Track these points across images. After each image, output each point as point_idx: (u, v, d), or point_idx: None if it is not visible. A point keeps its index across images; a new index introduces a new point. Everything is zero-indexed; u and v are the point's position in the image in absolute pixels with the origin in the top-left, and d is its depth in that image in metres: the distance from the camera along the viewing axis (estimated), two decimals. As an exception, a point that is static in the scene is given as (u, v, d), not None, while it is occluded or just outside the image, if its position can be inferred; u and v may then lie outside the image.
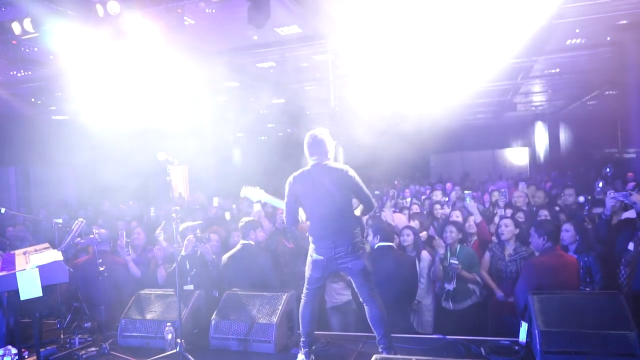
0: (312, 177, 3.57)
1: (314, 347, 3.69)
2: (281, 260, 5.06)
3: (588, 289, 4.14)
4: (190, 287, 4.46)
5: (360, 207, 3.70)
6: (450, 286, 4.67)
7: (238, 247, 4.66)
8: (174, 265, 4.12)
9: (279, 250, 5.15)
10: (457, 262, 4.56)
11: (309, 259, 3.63)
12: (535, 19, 6.79)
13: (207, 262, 4.71)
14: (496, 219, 5.86)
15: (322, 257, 3.53)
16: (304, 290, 3.67)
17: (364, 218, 4.01)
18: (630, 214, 5.19)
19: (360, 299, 3.59)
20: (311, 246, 3.63)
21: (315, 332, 3.95)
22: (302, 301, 3.67)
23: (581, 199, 5.34)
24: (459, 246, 4.79)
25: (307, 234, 3.70)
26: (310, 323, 3.63)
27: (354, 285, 3.62)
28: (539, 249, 4.10)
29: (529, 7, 6.44)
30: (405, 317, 4.38)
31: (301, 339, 3.63)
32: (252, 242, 4.64)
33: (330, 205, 3.50)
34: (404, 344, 3.67)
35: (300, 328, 3.65)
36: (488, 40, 7.15)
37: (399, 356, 3.37)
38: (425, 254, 5.02)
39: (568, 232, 4.40)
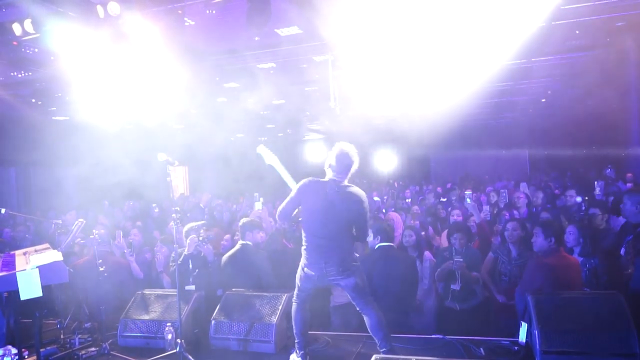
0: (327, 191, 3.48)
1: (308, 349, 3.68)
2: (282, 261, 5.06)
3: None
4: (192, 287, 4.47)
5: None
6: (456, 286, 4.66)
7: (237, 247, 4.68)
8: (174, 266, 4.12)
9: (280, 251, 5.15)
10: (461, 260, 4.56)
11: (300, 272, 3.60)
12: (535, 20, 6.80)
13: (209, 262, 4.72)
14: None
15: (313, 273, 3.50)
16: (295, 294, 3.67)
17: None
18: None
19: (357, 309, 3.58)
20: (303, 260, 3.58)
21: (316, 332, 3.96)
22: (294, 305, 3.67)
23: (578, 199, 5.33)
24: (465, 248, 4.78)
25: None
26: (304, 324, 3.63)
27: (348, 296, 3.61)
28: (544, 249, 4.04)
29: (528, 8, 6.45)
30: (406, 317, 4.38)
31: (295, 340, 3.64)
32: (250, 243, 4.65)
33: (332, 225, 3.46)
34: (404, 344, 3.68)
35: (294, 329, 3.66)
36: (488, 42, 7.16)
37: (399, 356, 3.38)
38: (428, 255, 5.01)
39: (572, 234, 4.38)
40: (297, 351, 3.61)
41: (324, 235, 3.47)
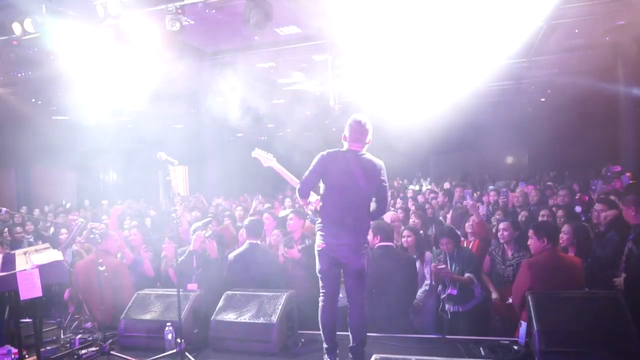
0: (347, 161, 3.36)
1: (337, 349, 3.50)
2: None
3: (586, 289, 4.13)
4: (194, 285, 4.46)
5: (373, 206, 3.48)
6: (453, 291, 4.62)
7: (245, 246, 4.69)
8: (171, 264, 4.13)
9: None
10: (443, 266, 4.50)
11: (315, 253, 3.47)
12: (535, 19, 6.81)
13: (211, 259, 4.72)
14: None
15: (324, 245, 3.36)
16: (320, 294, 3.47)
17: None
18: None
19: (347, 301, 3.42)
20: (317, 238, 3.44)
21: (315, 332, 3.94)
22: (320, 306, 3.46)
23: (578, 209, 5.18)
24: (456, 250, 4.74)
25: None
26: (332, 328, 3.44)
27: (345, 286, 3.44)
28: (538, 250, 4.01)
29: (528, 8, 6.45)
30: (405, 317, 4.38)
31: (324, 346, 3.44)
32: (259, 242, 4.66)
33: (351, 196, 3.34)
34: (404, 344, 3.67)
35: (322, 335, 3.45)
36: (488, 41, 7.16)
37: (398, 356, 3.38)
38: (429, 255, 4.99)
39: (566, 234, 4.37)
40: (326, 355, 3.43)
41: (343, 207, 3.34)
